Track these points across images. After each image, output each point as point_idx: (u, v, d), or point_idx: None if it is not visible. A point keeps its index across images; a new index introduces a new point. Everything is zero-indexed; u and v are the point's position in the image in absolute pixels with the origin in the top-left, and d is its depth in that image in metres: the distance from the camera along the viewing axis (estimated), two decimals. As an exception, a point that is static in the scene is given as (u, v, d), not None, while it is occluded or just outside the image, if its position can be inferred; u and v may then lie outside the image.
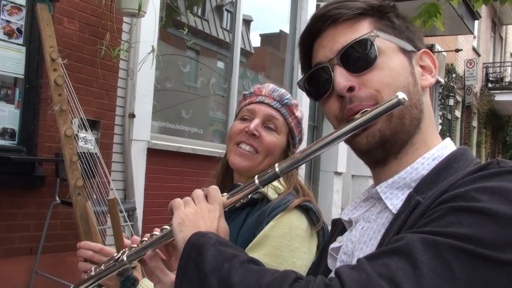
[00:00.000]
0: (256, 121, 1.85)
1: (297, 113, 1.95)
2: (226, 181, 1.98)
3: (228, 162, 1.91)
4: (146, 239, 1.22)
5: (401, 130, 1.09)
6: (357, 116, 1.07)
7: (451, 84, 15.99)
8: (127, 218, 5.10)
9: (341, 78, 1.10)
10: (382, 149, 1.10)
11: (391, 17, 1.17)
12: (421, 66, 1.18)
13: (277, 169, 1.12)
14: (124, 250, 1.26)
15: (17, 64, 4.56)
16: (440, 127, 15.29)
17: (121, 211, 2.45)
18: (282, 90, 1.94)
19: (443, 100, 15.67)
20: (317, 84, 1.18)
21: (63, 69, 2.36)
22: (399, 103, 1.01)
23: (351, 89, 1.09)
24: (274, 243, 1.64)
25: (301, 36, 1.23)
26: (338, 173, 9.64)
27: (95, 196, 2.61)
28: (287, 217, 1.68)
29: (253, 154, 1.84)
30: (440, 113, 15.58)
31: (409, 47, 1.15)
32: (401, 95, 1.01)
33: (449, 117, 16.73)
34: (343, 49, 1.12)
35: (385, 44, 1.12)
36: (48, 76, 2.33)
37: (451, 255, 0.83)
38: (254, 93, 1.94)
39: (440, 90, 15.49)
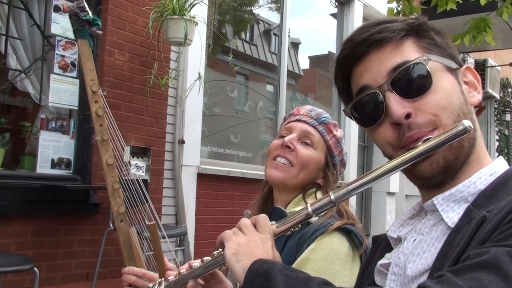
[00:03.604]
0: (291, 135, 1.88)
1: (336, 132, 1.94)
2: (266, 208, 1.95)
3: (265, 191, 1.96)
4: (184, 270, 1.19)
5: (461, 153, 1.07)
6: (419, 144, 1.04)
7: (507, 98, 15.48)
8: (178, 243, 5.18)
9: (397, 105, 1.07)
10: (443, 175, 1.08)
11: (432, 35, 1.15)
12: (465, 83, 1.15)
13: (332, 197, 1.08)
14: (160, 280, 1.24)
15: (72, 96, 4.74)
16: (497, 143, 14.80)
17: (164, 237, 2.48)
18: (320, 110, 1.97)
19: (499, 116, 15.17)
20: (366, 110, 1.14)
21: (103, 100, 2.43)
22: (465, 131, 0.99)
23: (408, 115, 1.06)
24: (314, 267, 1.61)
25: (339, 60, 1.19)
26: (390, 193, 9.45)
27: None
28: (327, 240, 1.66)
29: (288, 167, 1.84)
30: (497, 129, 15.08)
31: (453, 64, 1.13)
32: (467, 123, 0.99)
33: (506, 133, 16.17)
34: (394, 74, 1.09)
35: (434, 65, 1.09)
36: (90, 107, 2.43)
37: None
38: (293, 114, 1.98)
39: (496, 106, 15.02)
